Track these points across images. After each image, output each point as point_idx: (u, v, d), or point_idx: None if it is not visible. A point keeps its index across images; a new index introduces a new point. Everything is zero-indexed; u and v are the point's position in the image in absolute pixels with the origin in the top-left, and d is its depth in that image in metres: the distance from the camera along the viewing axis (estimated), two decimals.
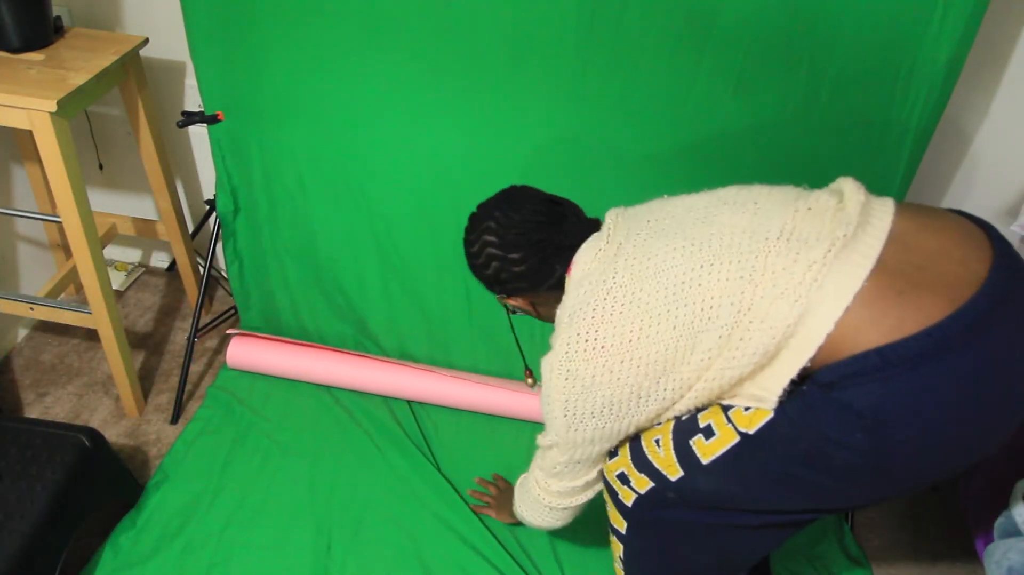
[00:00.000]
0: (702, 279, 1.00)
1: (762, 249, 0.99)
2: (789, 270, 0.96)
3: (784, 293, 0.95)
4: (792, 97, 1.53)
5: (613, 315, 1.04)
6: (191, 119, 1.71)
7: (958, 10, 1.38)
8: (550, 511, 1.31)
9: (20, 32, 1.59)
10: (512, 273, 1.18)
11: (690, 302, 1.00)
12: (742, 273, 0.98)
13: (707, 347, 1.00)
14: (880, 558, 1.66)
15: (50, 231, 2.13)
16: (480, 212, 1.24)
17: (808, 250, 0.96)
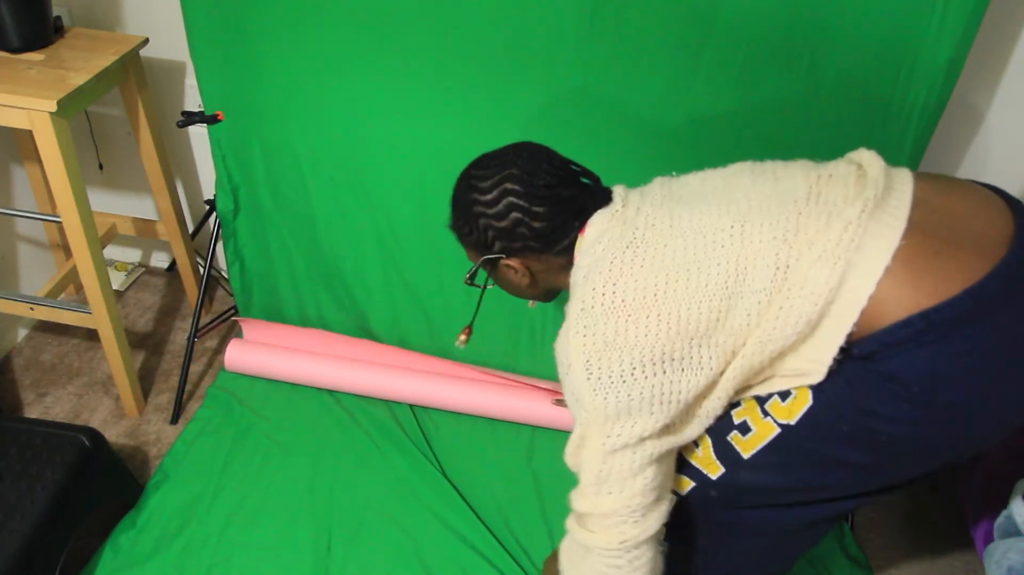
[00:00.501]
0: (733, 239, 0.96)
1: (792, 211, 0.95)
2: (824, 232, 0.93)
3: (822, 256, 0.92)
4: (792, 96, 1.53)
5: (634, 269, 0.97)
6: (191, 119, 1.71)
7: (958, 10, 1.38)
8: (615, 568, 1.04)
9: (20, 32, 1.59)
10: (532, 229, 1.06)
11: (722, 261, 0.95)
12: (775, 234, 0.94)
13: (745, 312, 0.95)
14: (880, 558, 1.66)
15: (50, 231, 2.13)
16: (500, 158, 1.11)
17: (840, 212, 0.93)
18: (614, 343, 0.97)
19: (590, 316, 0.98)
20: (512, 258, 1.11)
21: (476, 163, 1.13)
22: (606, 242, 1.01)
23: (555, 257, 1.09)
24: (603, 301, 0.97)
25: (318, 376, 1.89)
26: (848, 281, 0.91)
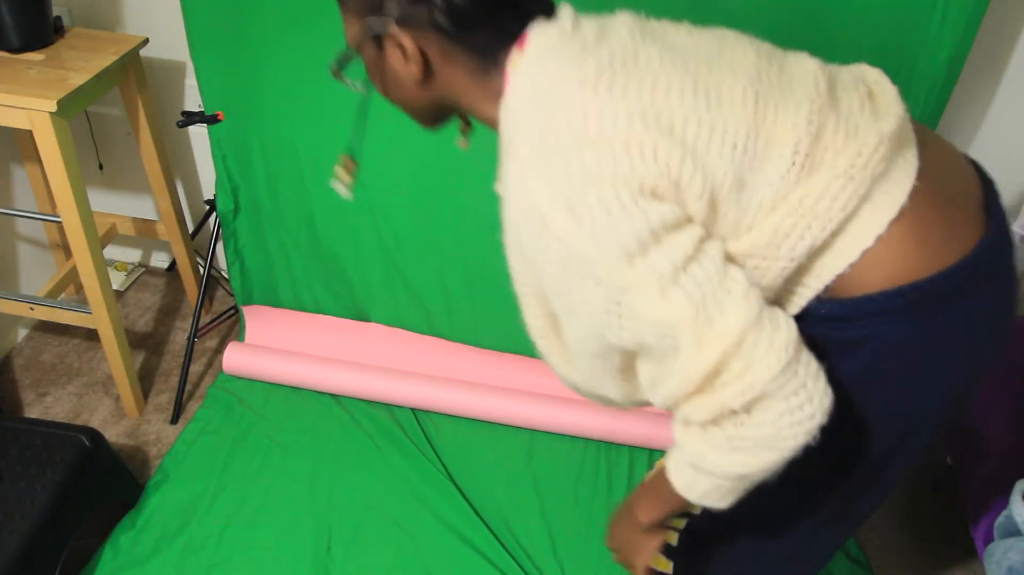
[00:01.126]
0: (746, 105, 0.77)
1: (812, 107, 0.78)
2: (850, 144, 0.77)
3: (847, 171, 0.76)
4: None
5: (613, 99, 0.74)
6: (191, 119, 1.71)
7: (958, 10, 1.38)
8: (797, 395, 0.73)
9: (20, 32, 1.59)
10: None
11: (730, 126, 0.76)
12: (797, 121, 0.76)
13: (743, 207, 0.76)
14: (880, 558, 1.66)
15: (50, 231, 2.13)
16: None
17: (869, 126, 0.78)
18: (598, 175, 0.72)
19: (554, 152, 0.74)
20: (406, 30, 0.79)
21: None
22: (562, 64, 0.76)
23: (468, 58, 0.81)
24: (571, 131, 0.73)
25: (317, 380, 1.89)
26: (861, 214, 0.76)
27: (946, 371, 0.85)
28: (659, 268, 0.71)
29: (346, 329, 1.96)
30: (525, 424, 1.85)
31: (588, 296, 0.75)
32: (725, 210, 0.76)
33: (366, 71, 0.91)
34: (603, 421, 1.80)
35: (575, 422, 1.81)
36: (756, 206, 0.77)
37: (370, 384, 1.87)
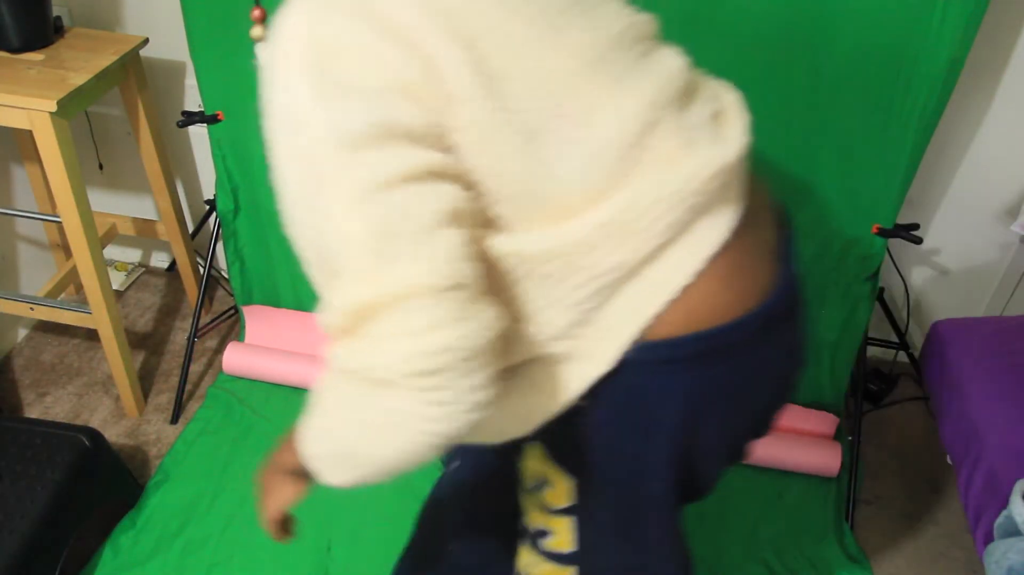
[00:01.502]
0: (580, 78, 0.67)
1: (654, 101, 0.71)
2: (682, 157, 0.71)
3: (674, 190, 0.68)
4: (792, 96, 1.53)
5: None
6: (191, 119, 1.71)
7: (958, 10, 1.38)
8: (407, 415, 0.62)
9: (20, 32, 1.59)
10: None
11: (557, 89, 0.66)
12: (636, 110, 0.69)
13: (586, 155, 0.67)
14: (880, 558, 1.66)
15: (50, 231, 2.13)
16: None
17: (707, 145, 0.76)
18: (359, 47, 0.64)
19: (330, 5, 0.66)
20: None
21: None
22: None
23: None
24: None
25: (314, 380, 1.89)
26: (683, 239, 0.69)
27: (720, 420, 0.79)
28: (364, 172, 0.60)
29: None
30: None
31: (289, 166, 0.71)
32: (505, 159, 0.64)
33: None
34: None
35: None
36: (557, 184, 0.66)
37: None
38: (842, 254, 1.72)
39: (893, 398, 2.05)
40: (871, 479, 1.83)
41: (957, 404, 1.55)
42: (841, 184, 1.63)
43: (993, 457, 1.42)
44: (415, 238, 0.60)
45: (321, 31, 0.65)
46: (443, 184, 0.62)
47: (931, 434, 1.95)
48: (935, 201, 1.82)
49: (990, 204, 1.80)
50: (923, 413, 2.01)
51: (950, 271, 1.94)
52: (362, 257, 0.61)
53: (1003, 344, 1.60)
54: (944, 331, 1.68)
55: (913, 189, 1.66)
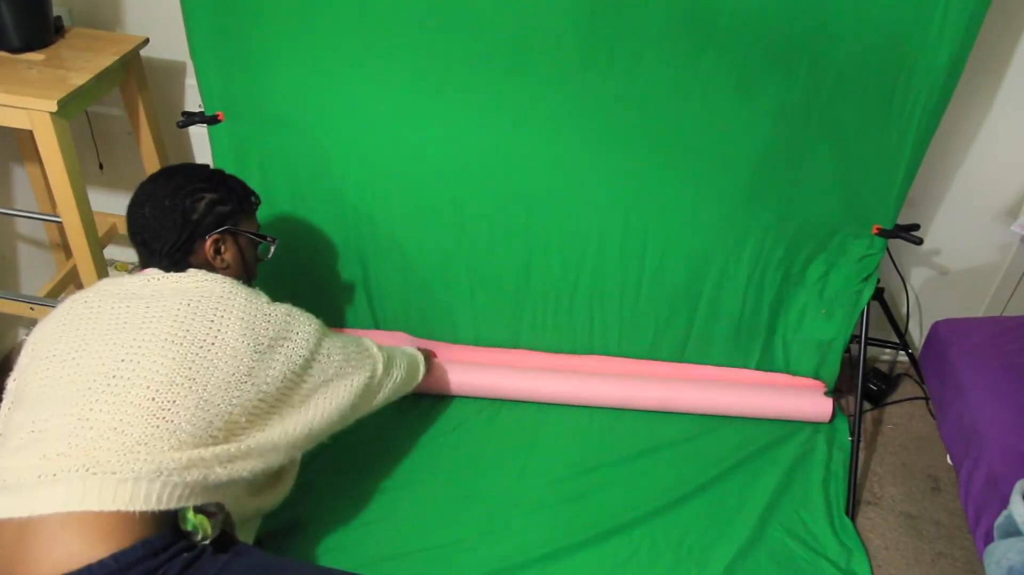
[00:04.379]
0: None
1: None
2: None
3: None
4: (793, 96, 1.53)
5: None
6: (191, 119, 1.71)
7: (958, 10, 1.38)
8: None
9: (20, 32, 1.59)
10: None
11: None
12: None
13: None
14: (880, 558, 1.66)
15: (50, 231, 2.13)
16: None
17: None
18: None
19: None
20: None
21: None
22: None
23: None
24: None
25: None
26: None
27: None
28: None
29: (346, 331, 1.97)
30: (531, 398, 1.87)
31: None
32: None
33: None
34: (619, 390, 1.86)
35: (592, 393, 1.86)
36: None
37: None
38: (842, 254, 1.72)
39: (893, 398, 2.05)
40: (871, 479, 1.83)
41: (957, 404, 1.55)
42: (841, 184, 1.63)
43: (993, 457, 1.42)
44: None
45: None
46: None
47: (931, 434, 1.95)
48: (935, 201, 1.82)
49: (990, 204, 1.80)
50: (923, 413, 2.01)
51: (950, 271, 1.94)
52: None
53: (1003, 344, 1.60)
54: (944, 331, 1.68)
55: (913, 189, 1.66)
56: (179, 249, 1.33)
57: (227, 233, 1.38)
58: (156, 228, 1.32)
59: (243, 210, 1.42)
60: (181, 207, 1.33)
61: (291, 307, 1.36)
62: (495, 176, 1.70)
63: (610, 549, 1.59)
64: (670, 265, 1.76)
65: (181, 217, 1.32)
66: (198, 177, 1.37)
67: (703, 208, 1.69)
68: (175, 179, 1.36)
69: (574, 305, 1.84)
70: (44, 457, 1.04)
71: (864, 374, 1.79)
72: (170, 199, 1.32)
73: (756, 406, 1.85)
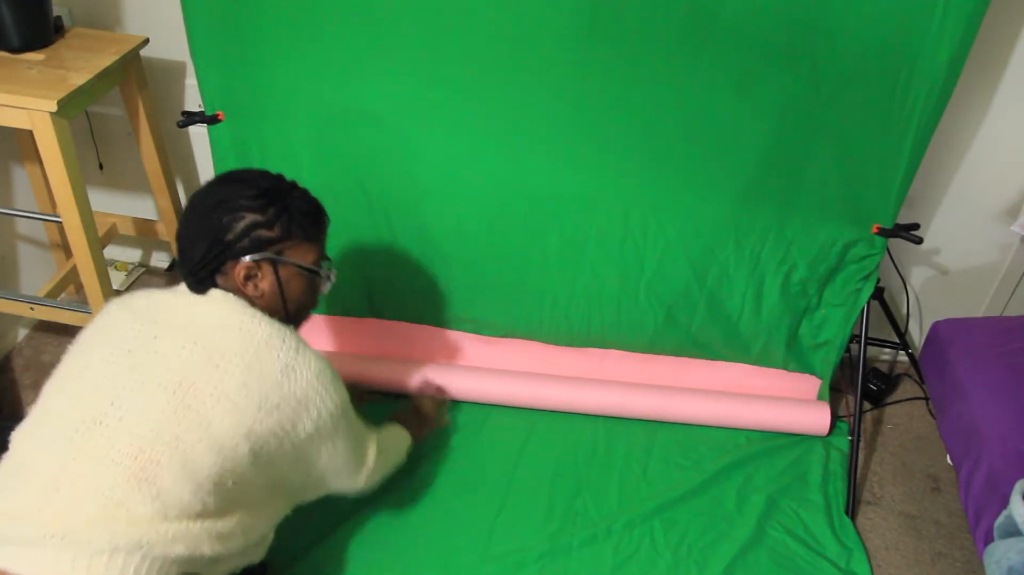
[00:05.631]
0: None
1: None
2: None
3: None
4: (793, 96, 1.53)
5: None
6: (191, 119, 1.71)
7: (958, 10, 1.38)
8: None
9: (20, 32, 1.59)
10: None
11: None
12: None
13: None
14: (880, 558, 1.66)
15: (50, 231, 2.13)
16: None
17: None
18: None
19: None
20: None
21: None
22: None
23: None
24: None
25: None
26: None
27: None
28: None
29: (345, 325, 1.97)
30: (527, 404, 1.87)
31: None
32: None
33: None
34: (613, 397, 1.85)
35: (581, 400, 1.86)
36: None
37: (373, 369, 1.88)
38: (842, 254, 1.72)
39: (893, 398, 2.05)
40: (871, 479, 1.83)
41: (957, 404, 1.55)
42: (841, 184, 1.63)
43: (993, 457, 1.42)
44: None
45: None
46: None
47: (931, 434, 1.95)
48: (935, 201, 1.82)
49: (990, 204, 1.80)
50: (923, 413, 2.01)
51: (950, 271, 1.94)
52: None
53: (1003, 344, 1.60)
54: (944, 331, 1.68)
55: (913, 189, 1.66)
56: (204, 267, 1.17)
57: (266, 261, 1.19)
58: (191, 238, 1.18)
59: (294, 236, 1.22)
60: (217, 222, 1.16)
61: (323, 368, 1.18)
62: (495, 173, 1.70)
63: (609, 549, 1.59)
64: (670, 264, 1.76)
65: (213, 233, 1.16)
66: (253, 190, 1.20)
67: (703, 207, 1.69)
68: (227, 188, 1.20)
69: (572, 304, 1.84)
70: (24, 509, 1.00)
71: (864, 374, 1.79)
72: (211, 210, 1.17)
73: (754, 421, 1.84)
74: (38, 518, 0.99)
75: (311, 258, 1.25)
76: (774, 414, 1.84)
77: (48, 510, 0.99)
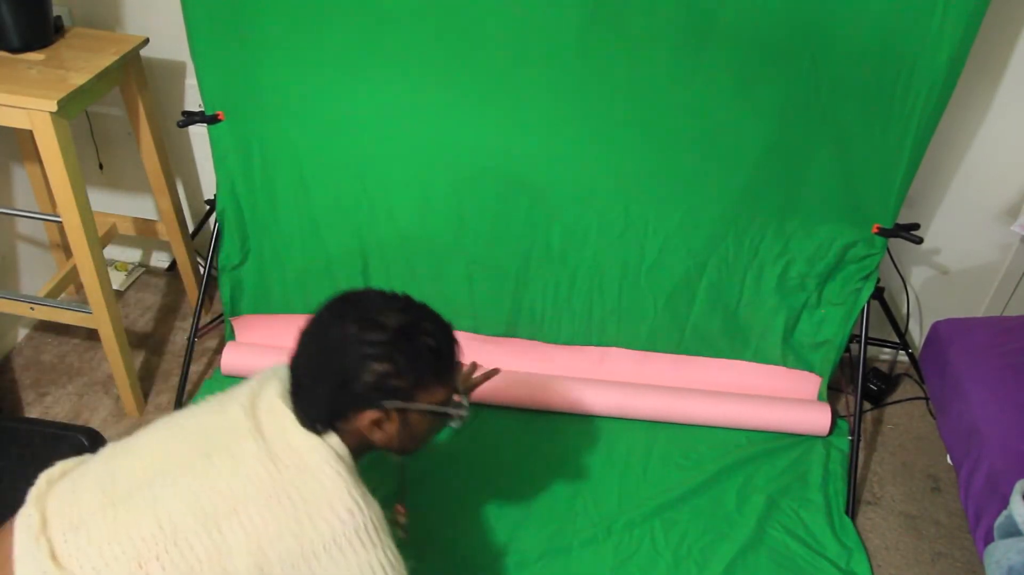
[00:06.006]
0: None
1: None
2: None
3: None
4: (793, 95, 1.53)
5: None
6: (191, 119, 1.71)
7: (958, 10, 1.38)
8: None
9: (20, 32, 1.59)
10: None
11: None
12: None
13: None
14: (880, 558, 1.66)
15: (50, 231, 2.13)
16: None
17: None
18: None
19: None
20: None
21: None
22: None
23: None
24: None
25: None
26: None
27: None
28: None
29: None
30: (528, 405, 1.87)
31: None
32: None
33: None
34: (613, 397, 1.85)
35: (582, 400, 1.86)
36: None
37: None
38: (842, 254, 1.72)
39: (893, 398, 2.05)
40: (871, 479, 1.83)
41: (957, 404, 1.55)
42: (841, 184, 1.63)
43: (993, 457, 1.42)
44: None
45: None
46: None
47: (931, 434, 1.95)
48: (935, 201, 1.82)
49: (990, 204, 1.80)
50: (923, 413, 2.01)
51: (950, 271, 1.94)
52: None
53: (1003, 344, 1.60)
54: (944, 331, 1.68)
55: (913, 189, 1.66)
56: (327, 413, 1.09)
57: (395, 408, 1.10)
58: (313, 375, 1.08)
59: (425, 380, 1.11)
60: (343, 368, 1.06)
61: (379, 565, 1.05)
62: (496, 169, 1.70)
63: (610, 549, 1.59)
64: (669, 258, 1.77)
65: (340, 379, 1.06)
66: (381, 333, 1.07)
67: (703, 203, 1.69)
68: (353, 325, 1.07)
69: (573, 296, 1.84)
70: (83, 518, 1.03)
71: (864, 374, 1.79)
72: (336, 351, 1.07)
73: (754, 421, 1.85)
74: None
75: (442, 397, 1.15)
76: (775, 414, 1.84)
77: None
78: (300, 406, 1.10)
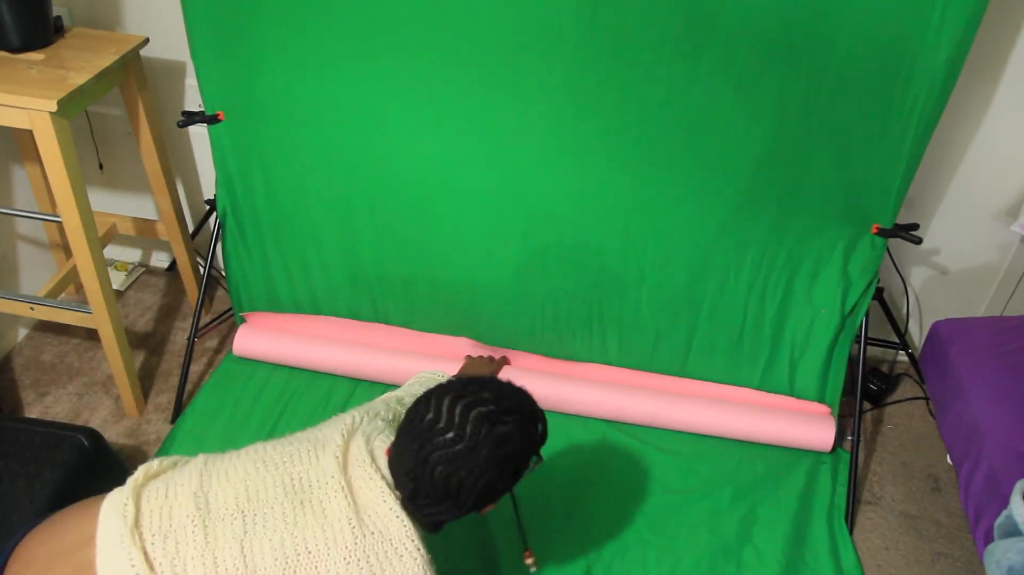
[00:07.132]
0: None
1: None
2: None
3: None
4: (792, 96, 1.53)
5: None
6: (191, 119, 1.71)
7: (958, 10, 1.38)
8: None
9: (20, 32, 1.59)
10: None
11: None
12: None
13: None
14: (880, 558, 1.66)
15: (50, 231, 2.13)
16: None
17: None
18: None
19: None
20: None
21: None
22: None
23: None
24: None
25: (334, 362, 1.91)
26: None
27: None
28: None
29: (343, 325, 1.97)
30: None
31: None
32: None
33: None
34: (612, 399, 1.85)
35: (578, 400, 1.86)
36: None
37: (386, 364, 1.89)
38: (842, 254, 1.72)
39: (893, 398, 2.05)
40: (871, 479, 1.83)
41: (957, 404, 1.55)
42: (841, 184, 1.63)
43: (993, 457, 1.42)
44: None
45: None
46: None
47: (931, 434, 1.95)
48: (934, 201, 1.82)
49: (990, 204, 1.80)
50: (923, 413, 2.01)
51: (950, 271, 1.94)
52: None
53: (1003, 344, 1.60)
54: (944, 331, 1.68)
55: (913, 189, 1.66)
56: (433, 517, 1.10)
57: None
58: (431, 494, 1.07)
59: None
60: (465, 497, 1.06)
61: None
62: (494, 178, 1.70)
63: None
64: (671, 271, 1.75)
65: (451, 498, 1.06)
66: (507, 466, 1.07)
67: (704, 212, 1.68)
68: (483, 462, 1.05)
69: (573, 312, 1.83)
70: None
71: (864, 374, 1.79)
72: (464, 478, 1.05)
73: (757, 434, 1.82)
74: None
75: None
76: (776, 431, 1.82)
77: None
78: (413, 502, 1.08)
